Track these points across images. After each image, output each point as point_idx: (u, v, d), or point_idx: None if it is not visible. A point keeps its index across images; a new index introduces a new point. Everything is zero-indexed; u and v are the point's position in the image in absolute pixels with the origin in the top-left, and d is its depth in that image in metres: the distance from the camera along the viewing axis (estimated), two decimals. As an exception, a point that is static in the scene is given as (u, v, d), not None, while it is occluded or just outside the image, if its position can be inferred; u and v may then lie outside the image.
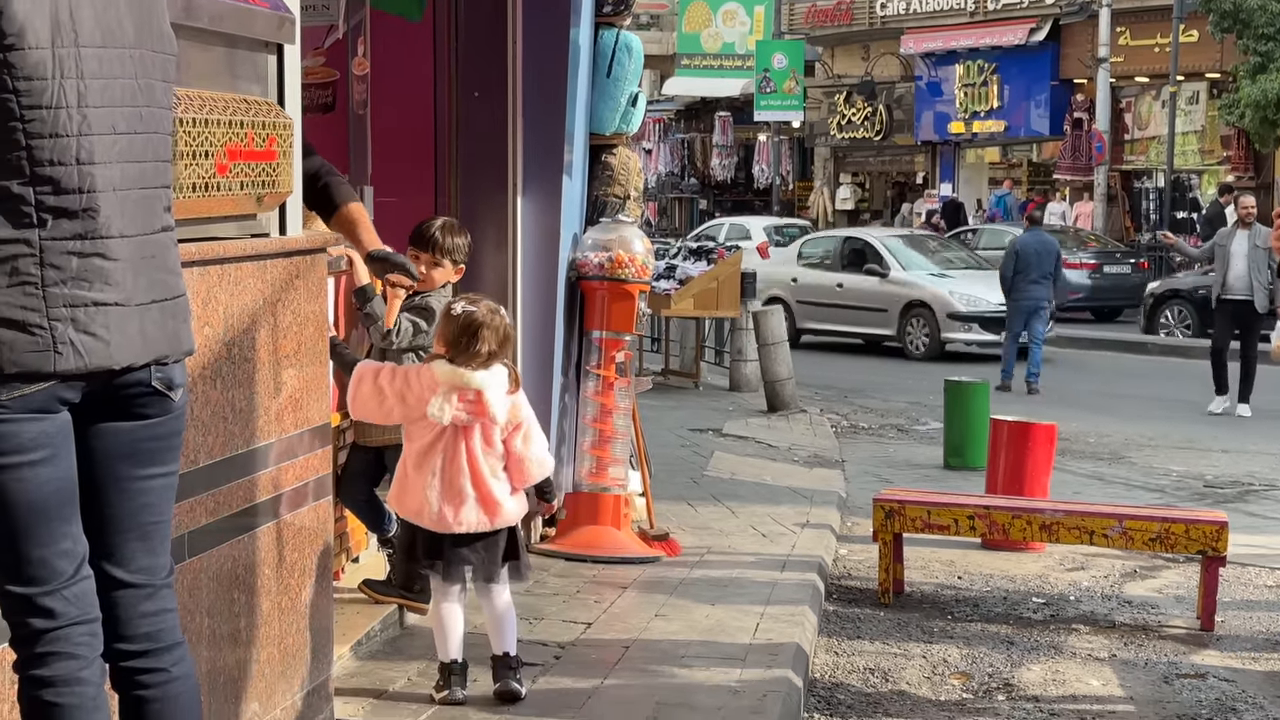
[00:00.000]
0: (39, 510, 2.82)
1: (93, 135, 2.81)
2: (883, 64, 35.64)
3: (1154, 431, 13.38)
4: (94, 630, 2.91)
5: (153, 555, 3.04)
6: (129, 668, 3.00)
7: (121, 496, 2.99)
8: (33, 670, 2.85)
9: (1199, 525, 7.02)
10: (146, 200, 2.93)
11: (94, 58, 2.82)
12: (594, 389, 7.62)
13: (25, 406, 2.77)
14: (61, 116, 2.76)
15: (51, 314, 2.76)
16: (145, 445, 2.99)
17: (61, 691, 2.84)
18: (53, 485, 2.84)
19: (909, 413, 14.55)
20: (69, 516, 2.88)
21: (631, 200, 8.03)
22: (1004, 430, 8.89)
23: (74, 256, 2.79)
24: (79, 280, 2.79)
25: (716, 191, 41.97)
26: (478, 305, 4.98)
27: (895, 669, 6.21)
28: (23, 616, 2.86)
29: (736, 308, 14.84)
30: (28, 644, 2.86)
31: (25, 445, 2.79)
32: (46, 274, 2.76)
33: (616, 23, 7.87)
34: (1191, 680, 6.16)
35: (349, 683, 5.21)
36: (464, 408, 4.91)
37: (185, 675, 3.06)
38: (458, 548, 5.01)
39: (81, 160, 2.79)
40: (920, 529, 7.39)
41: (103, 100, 2.83)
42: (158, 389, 2.96)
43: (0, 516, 2.83)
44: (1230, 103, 25.99)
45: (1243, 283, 14.43)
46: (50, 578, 2.85)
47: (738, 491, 9.61)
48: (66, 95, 2.77)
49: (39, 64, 2.73)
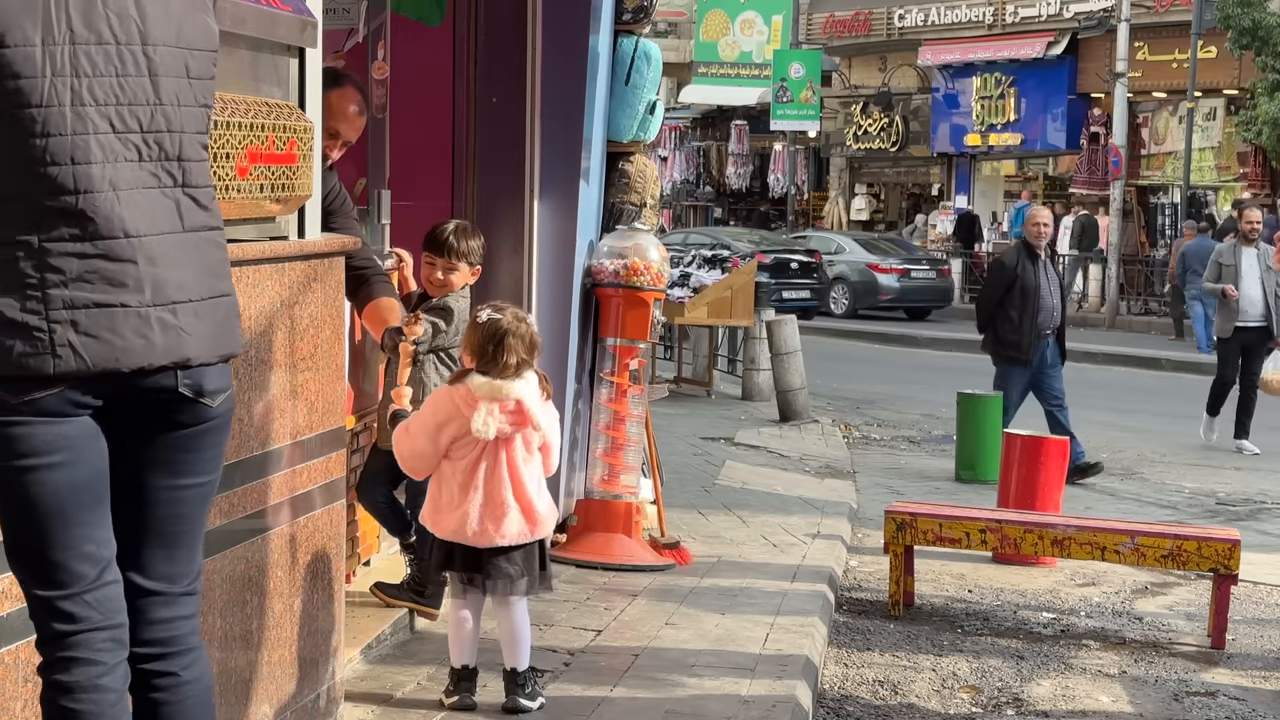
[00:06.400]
0: (57, 513, 2.81)
1: (89, 134, 2.75)
2: (900, 75, 35.62)
3: (1166, 448, 13.35)
4: (117, 636, 2.89)
5: (172, 563, 3.00)
6: (142, 670, 2.98)
7: (149, 505, 2.96)
8: (54, 674, 2.84)
9: (1211, 543, 7.01)
10: (159, 200, 2.85)
11: (90, 54, 2.76)
12: (607, 396, 7.63)
13: (37, 410, 2.75)
14: (54, 115, 2.71)
15: (51, 316, 2.71)
16: (179, 455, 2.95)
17: (79, 698, 2.83)
18: (71, 489, 2.81)
19: (921, 424, 14.54)
20: (91, 521, 2.85)
21: (648, 208, 8.04)
22: (1017, 444, 8.89)
23: (74, 258, 2.73)
24: (81, 281, 2.73)
25: (731, 200, 41.95)
26: (503, 313, 4.94)
27: (905, 681, 6.20)
28: (45, 619, 2.86)
29: (750, 317, 14.85)
30: (49, 646, 2.86)
31: (40, 449, 2.77)
32: (46, 276, 2.72)
33: (636, 30, 7.88)
34: (1202, 698, 6.15)
35: (359, 686, 5.22)
36: (506, 419, 4.88)
37: (196, 679, 3.04)
38: (498, 561, 4.97)
39: (77, 160, 2.73)
40: (931, 542, 7.39)
41: (102, 98, 2.77)
42: (187, 395, 2.89)
43: (20, 519, 2.83)
44: (1247, 119, 25.96)
45: (1257, 309, 12.93)
46: (71, 581, 2.83)
47: (749, 501, 9.61)
48: (59, 93, 2.72)
49: (26, 61, 2.69)
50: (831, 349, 21.99)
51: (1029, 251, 11.38)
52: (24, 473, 2.78)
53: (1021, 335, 11.16)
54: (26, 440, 2.76)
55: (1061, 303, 11.51)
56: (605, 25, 7.55)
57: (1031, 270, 11.24)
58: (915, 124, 35.75)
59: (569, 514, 7.65)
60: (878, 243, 30.15)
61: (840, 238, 30.24)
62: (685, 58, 39.28)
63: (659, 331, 10.08)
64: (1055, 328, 11.34)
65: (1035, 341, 11.19)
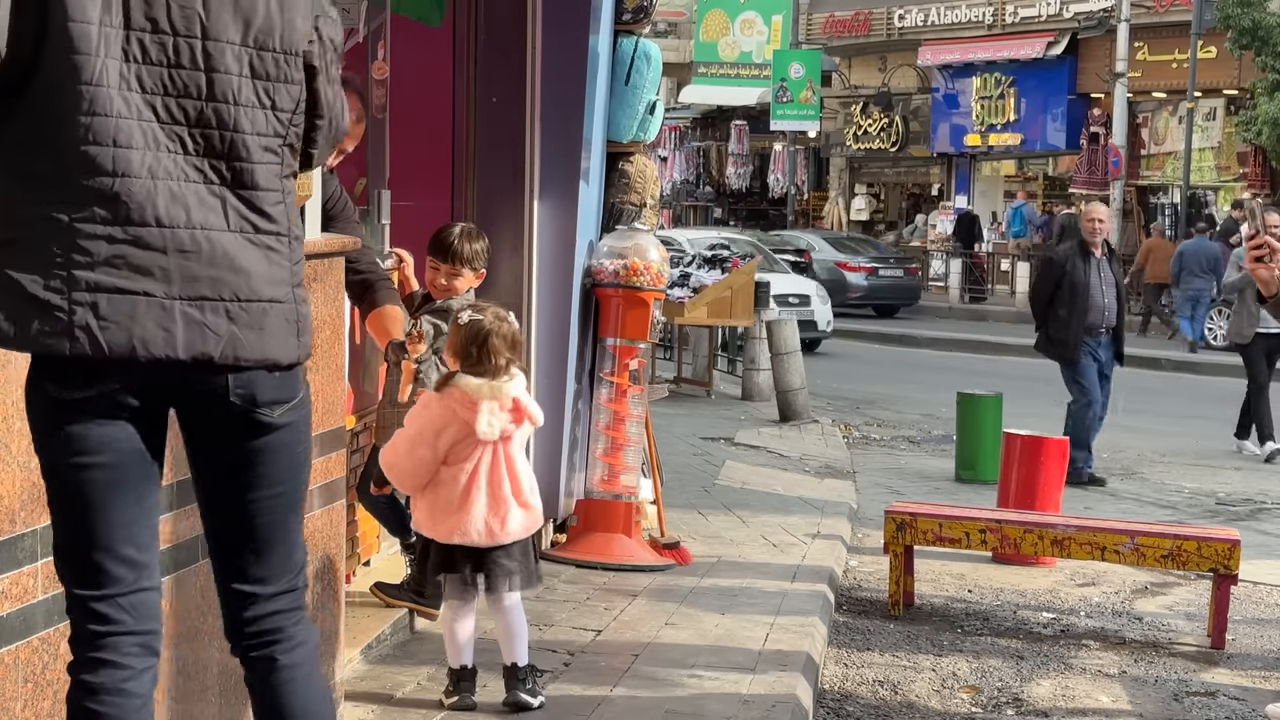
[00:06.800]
0: (98, 514, 2.82)
1: (133, 119, 2.74)
2: (900, 75, 35.62)
3: (1166, 447, 13.36)
4: (147, 642, 2.90)
5: (264, 567, 3.02)
6: (248, 657, 3.06)
7: (232, 516, 2.99)
8: (81, 674, 2.86)
9: (1211, 543, 7.01)
10: (203, 195, 2.81)
11: (143, 42, 2.75)
12: (607, 396, 7.63)
13: (84, 409, 2.77)
14: (101, 94, 2.70)
15: (74, 298, 2.70)
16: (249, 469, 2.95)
17: (103, 700, 2.84)
18: (113, 491, 2.83)
19: (921, 424, 14.54)
20: (132, 524, 2.86)
21: (648, 208, 8.04)
22: (1017, 444, 8.89)
23: (103, 241, 2.72)
24: (107, 265, 2.72)
25: (731, 200, 41.96)
26: (484, 313, 4.94)
27: (904, 681, 6.20)
28: (79, 618, 2.87)
29: (750, 317, 14.85)
30: (80, 646, 2.87)
31: (86, 448, 2.79)
32: (73, 256, 2.70)
33: (636, 30, 7.88)
34: (1202, 698, 6.15)
35: (359, 686, 5.22)
36: (508, 417, 4.89)
37: (295, 664, 3.05)
38: (498, 558, 4.98)
39: (119, 143, 2.72)
40: (931, 542, 7.39)
41: (150, 86, 2.75)
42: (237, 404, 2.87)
43: (63, 516, 2.86)
44: (1247, 119, 25.96)
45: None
46: (106, 583, 2.85)
47: (749, 501, 9.61)
48: (109, 74, 2.71)
49: (83, 37, 2.69)
50: (831, 347, 21.99)
51: (1082, 248, 11.17)
52: (70, 470, 2.80)
53: (1069, 334, 10.98)
54: (74, 439, 2.78)
55: (1118, 302, 11.19)
56: (605, 25, 7.55)
57: (1083, 267, 11.02)
58: (915, 124, 35.75)
59: (569, 514, 7.65)
60: (846, 242, 30.56)
61: (810, 236, 30.45)
62: (685, 58, 39.28)
63: (659, 332, 10.07)
64: (1110, 327, 11.10)
65: (1085, 340, 10.99)
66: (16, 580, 3.08)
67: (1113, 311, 11.14)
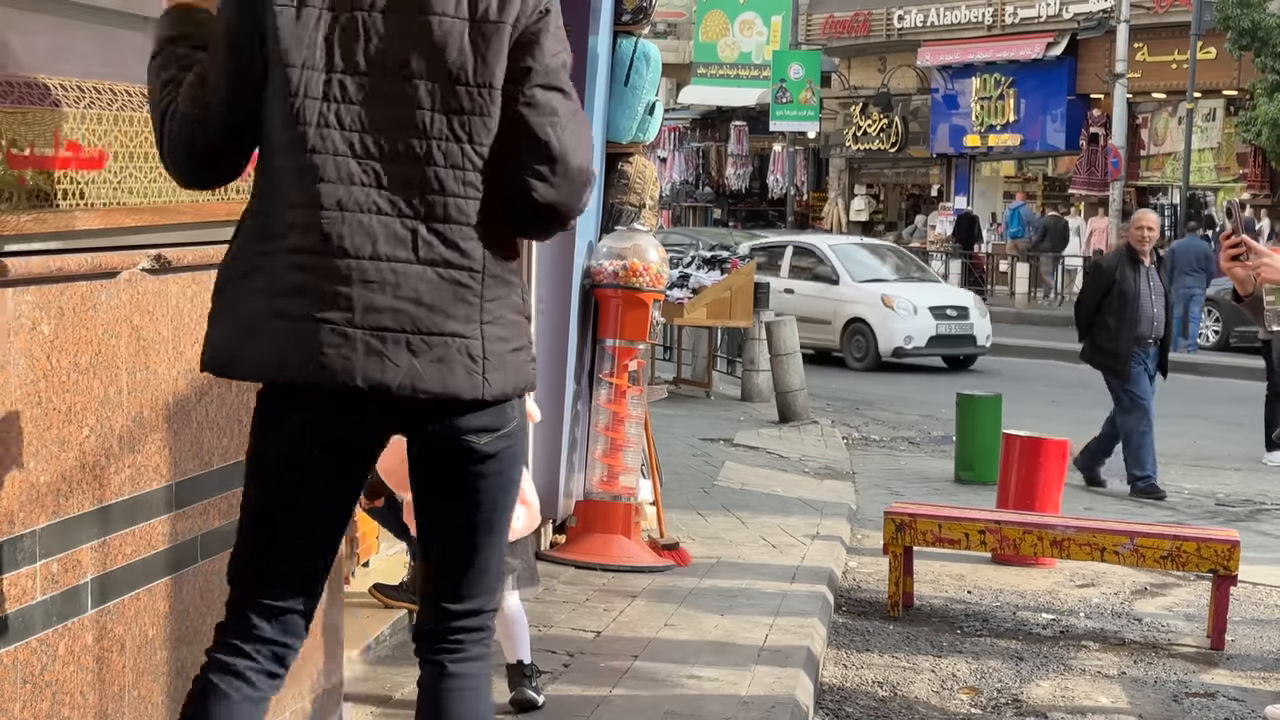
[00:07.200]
0: (270, 524, 2.98)
1: (327, 154, 2.83)
2: (899, 76, 35.64)
3: (1166, 449, 13.32)
4: (279, 654, 3.03)
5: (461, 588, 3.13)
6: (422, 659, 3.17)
7: (438, 536, 3.13)
8: (209, 672, 3.00)
9: (1210, 544, 7.00)
10: (393, 227, 2.85)
11: (344, 83, 2.85)
12: (606, 397, 7.63)
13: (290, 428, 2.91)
14: (307, 133, 2.83)
15: (260, 324, 2.83)
16: (453, 497, 3.06)
17: (225, 678, 2.98)
18: (290, 509, 2.97)
19: (921, 425, 14.54)
20: (297, 545, 3.01)
21: (647, 209, 8.03)
22: (1016, 445, 8.89)
23: (296, 271, 2.82)
24: (295, 295, 2.82)
25: (730, 201, 41.98)
26: None
27: (904, 682, 6.21)
28: (227, 614, 3.03)
29: (749, 318, 14.85)
30: (221, 632, 3.02)
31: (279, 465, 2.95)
32: (272, 283, 2.83)
33: (635, 31, 7.87)
34: (1201, 699, 6.15)
35: (358, 687, 5.21)
36: None
37: (461, 674, 3.12)
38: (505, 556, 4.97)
39: (320, 178, 2.83)
40: (931, 543, 7.39)
41: (347, 123, 2.84)
42: (442, 431, 2.96)
43: (245, 517, 3.02)
44: (1247, 120, 25.99)
45: None
46: (258, 592, 3.00)
47: (748, 502, 9.61)
48: (309, 113, 2.83)
49: (287, 81, 2.82)
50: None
51: (1131, 256, 10.87)
52: (259, 479, 2.97)
53: (1119, 344, 10.73)
54: (283, 456, 2.94)
55: (1165, 313, 10.88)
56: (605, 26, 7.55)
57: (1132, 276, 10.75)
58: (914, 125, 35.78)
59: (568, 515, 7.65)
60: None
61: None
62: (685, 58, 39.30)
63: (658, 332, 10.07)
64: (1158, 338, 10.85)
65: (1134, 350, 10.76)
66: (15, 581, 3.08)
67: (1160, 322, 10.87)
